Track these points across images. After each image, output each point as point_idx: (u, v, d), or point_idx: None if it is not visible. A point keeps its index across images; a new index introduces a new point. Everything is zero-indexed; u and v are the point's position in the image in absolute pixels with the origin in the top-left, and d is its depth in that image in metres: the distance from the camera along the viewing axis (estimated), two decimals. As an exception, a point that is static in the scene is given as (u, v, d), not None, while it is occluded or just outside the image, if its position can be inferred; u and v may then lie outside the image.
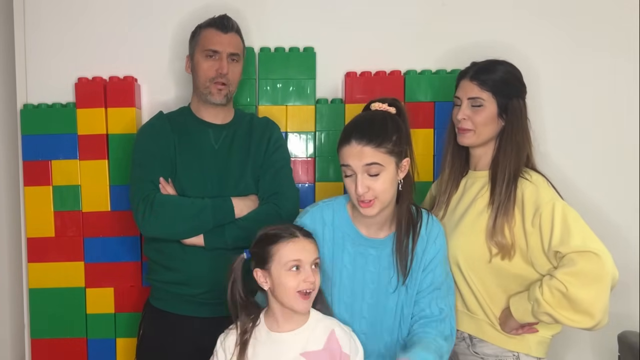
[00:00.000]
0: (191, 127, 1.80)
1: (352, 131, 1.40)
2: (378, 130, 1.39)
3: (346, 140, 1.40)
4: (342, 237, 1.49)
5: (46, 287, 1.99)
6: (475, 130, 1.58)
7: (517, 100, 1.58)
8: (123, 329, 2.01)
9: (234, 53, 1.77)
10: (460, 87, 1.61)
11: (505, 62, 1.61)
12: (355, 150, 1.37)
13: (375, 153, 1.37)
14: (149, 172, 1.73)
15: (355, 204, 1.42)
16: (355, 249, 1.48)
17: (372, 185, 1.38)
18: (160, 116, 1.84)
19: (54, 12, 2.03)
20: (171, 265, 1.73)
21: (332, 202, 1.53)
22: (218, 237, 1.69)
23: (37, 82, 2.03)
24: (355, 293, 1.48)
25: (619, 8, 2.02)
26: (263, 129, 1.84)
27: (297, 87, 2.01)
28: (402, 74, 2.01)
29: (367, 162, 1.37)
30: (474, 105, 1.57)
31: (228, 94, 1.78)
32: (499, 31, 2.02)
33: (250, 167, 1.78)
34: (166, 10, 2.03)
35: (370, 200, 1.39)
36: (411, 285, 1.48)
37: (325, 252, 1.47)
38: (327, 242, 1.48)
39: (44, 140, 1.98)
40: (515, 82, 1.60)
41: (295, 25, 2.03)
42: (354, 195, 1.40)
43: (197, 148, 1.78)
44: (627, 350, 1.81)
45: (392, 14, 2.03)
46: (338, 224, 1.50)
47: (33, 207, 1.99)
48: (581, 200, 2.04)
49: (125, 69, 2.02)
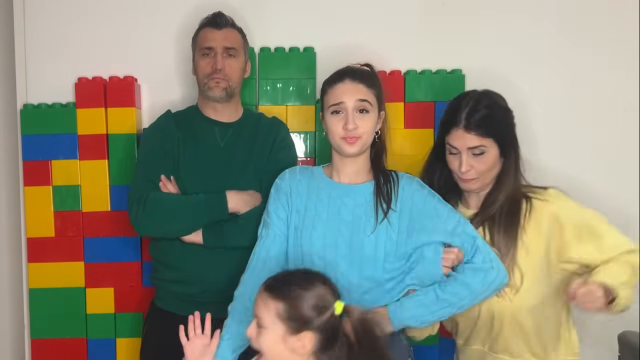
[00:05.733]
0: (197, 125, 1.80)
1: (345, 72, 1.51)
2: (368, 74, 1.53)
3: (339, 79, 1.50)
4: (317, 188, 1.55)
5: (46, 287, 1.99)
6: (479, 178, 1.54)
7: (512, 129, 1.57)
8: (123, 329, 2.01)
9: (229, 47, 1.76)
10: (454, 137, 1.53)
11: (481, 95, 1.55)
12: (350, 87, 1.48)
13: (367, 92, 1.49)
14: (149, 170, 1.74)
15: (338, 144, 1.49)
16: (330, 198, 1.53)
17: (359, 123, 1.47)
18: (167, 114, 1.84)
19: (54, 12, 2.03)
20: (171, 263, 1.73)
21: (309, 167, 1.65)
22: (216, 235, 1.69)
23: (37, 82, 2.03)
24: (327, 240, 1.49)
25: (619, 8, 2.02)
26: (269, 128, 1.83)
27: (297, 87, 2.01)
28: (402, 74, 2.01)
29: (360, 98, 1.47)
30: (475, 154, 1.52)
31: (228, 88, 1.76)
32: (498, 31, 2.02)
33: (254, 165, 1.78)
34: (166, 10, 2.03)
35: (355, 137, 1.47)
36: (394, 227, 1.48)
37: (298, 203, 1.55)
38: (302, 194, 1.55)
39: (44, 140, 1.98)
40: (503, 113, 1.56)
41: (295, 25, 2.03)
42: (340, 132, 1.47)
43: (202, 145, 1.78)
44: (627, 350, 1.80)
45: (392, 14, 2.03)
46: (314, 178, 1.57)
47: (33, 207, 1.99)
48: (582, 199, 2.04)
49: (125, 69, 2.01)
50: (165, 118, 1.83)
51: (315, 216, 1.51)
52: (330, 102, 1.49)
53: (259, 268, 1.52)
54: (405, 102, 1.98)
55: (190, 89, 2.00)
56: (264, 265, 1.53)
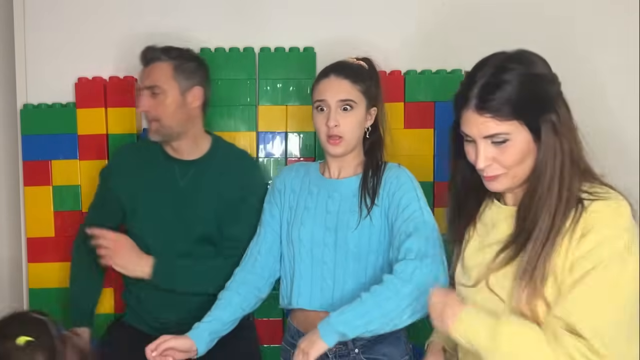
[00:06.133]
0: (158, 162, 1.76)
1: (331, 68, 1.51)
2: (356, 69, 1.51)
3: (324, 75, 1.50)
4: (309, 183, 1.57)
5: (46, 287, 1.99)
6: (507, 172, 1.13)
7: (553, 103, 1.10)
8: (123, 329, 2.00)
9: (149, 86, 1.65)
10: (466, 121, 1.12)
11: (507, 59, 1.14)
12: (333, 83, 1.47)
13: (351, 89, 1.47)
14: (89, 217, 1.85)
15: (324, 144, 1.50)
16: (319, 192, 1.54)
17: (341, 121, 1.46)
18: (128, 148, 1.85)
19: (53, 12, 2.03)
20: (130, 297, 1.80)
21: (307, 163, 1.68)
22: (168, 280, 1.68)
23: (37, 82, 2.03)
24: (315, 235, 1.50)
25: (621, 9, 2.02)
26: (238, 168, 1.74)
27: (297, 87, 2.01)
28: (402, 74, 2.01)
29: (342, 97, 1.46)
30: (495, 142, 1.10)
31: (160, 129, 1.65)
32: (499, 31, 2.02)
33: (215, 210, 1.69)
34: (166, 10, 2.03)
35: (338, 137, 1.46)
36: (376, 223, 1.46)
37: (291, 200, 1.57)
38: (295, 191, 1.57)
39: (44, 140, 1.98)
40: (540, 85, 1.10)
41: (295, 25, 2.02)
42: (324, 129, 1.48)
43: (160, 185, 1.73)
44: (627, 350, 1.79)
45: (392, 13, 2.03)
46: (309, 174, 1.59)
47: (33, 207, 1.99)
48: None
49: (125, 69, 2.01)
50: (123, 153, 1.84)
51: (305, 211, 1.53)
52: (315, 98, 1.51)
53: (250, 264, 1.60)
54: (405, 102, 1.98)
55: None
56: (255, 262, 1.60)
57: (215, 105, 1.93)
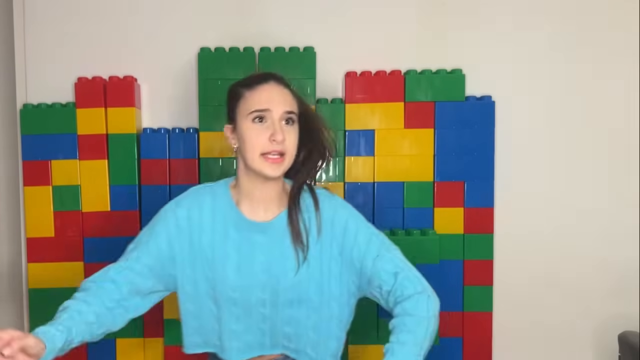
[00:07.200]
0: None
1: (268, 74, 1.28)
2: (289, 82, 1.30)
3: (263, 81, 1.25)
4: (224, 222, 1.28)
5: (46, 287, 1.99)
6: None
7: None
8: (122, 329, 2.00)
9: None
10: None
11: None
12: (277, 90, 1.24)
13: (293, 102, 1.26)
14: None
15: (259, 164, 1.21)
16: (240, 235, 1.27)
17: (287, 136, 1.22)
18: None
19: (53, 12, 2.03)
20: None
21: (212, 185, 1.33)
22: None
23: (37, 82, 2.03)
24: (244, 289, 1.27)
25: (621, 9, 2.02)
26: None
27: (297, 87, 1.98)
28: (402, 74, 2.01)
29: (287, 109, 1.23)
30: None
31: None
32: (499, 31, 2.02)
33: None
34: (166, 10, 2.03)
35: (282, 154, 1.21)
36: (315, 268, 1.27)
37: (205, 242, 1.28)
38: (206, 230, 1.28)
39: (44, 140, 1.98)
40: None
41: (295, 25, 2.03)
42: (265, 144, 1.20)
43: None
44: (627, 350, 1.80)
45: (392, 13, 2.03)
46: (218, 207, 1.29)
47: (33, 207, 1.99)
48: (583, 198, 2.05)
49: (125, 69, 2.02)
50: None
51: (226, 259, 1.27)
52: (253, 108, 1.22)
53: (104, 289, 1.39)
54: (405, 102, 1.98)
55: (183, 89, 2.00)
56: (108, 290, 1.39)
57: (215, 105, 1.94)
